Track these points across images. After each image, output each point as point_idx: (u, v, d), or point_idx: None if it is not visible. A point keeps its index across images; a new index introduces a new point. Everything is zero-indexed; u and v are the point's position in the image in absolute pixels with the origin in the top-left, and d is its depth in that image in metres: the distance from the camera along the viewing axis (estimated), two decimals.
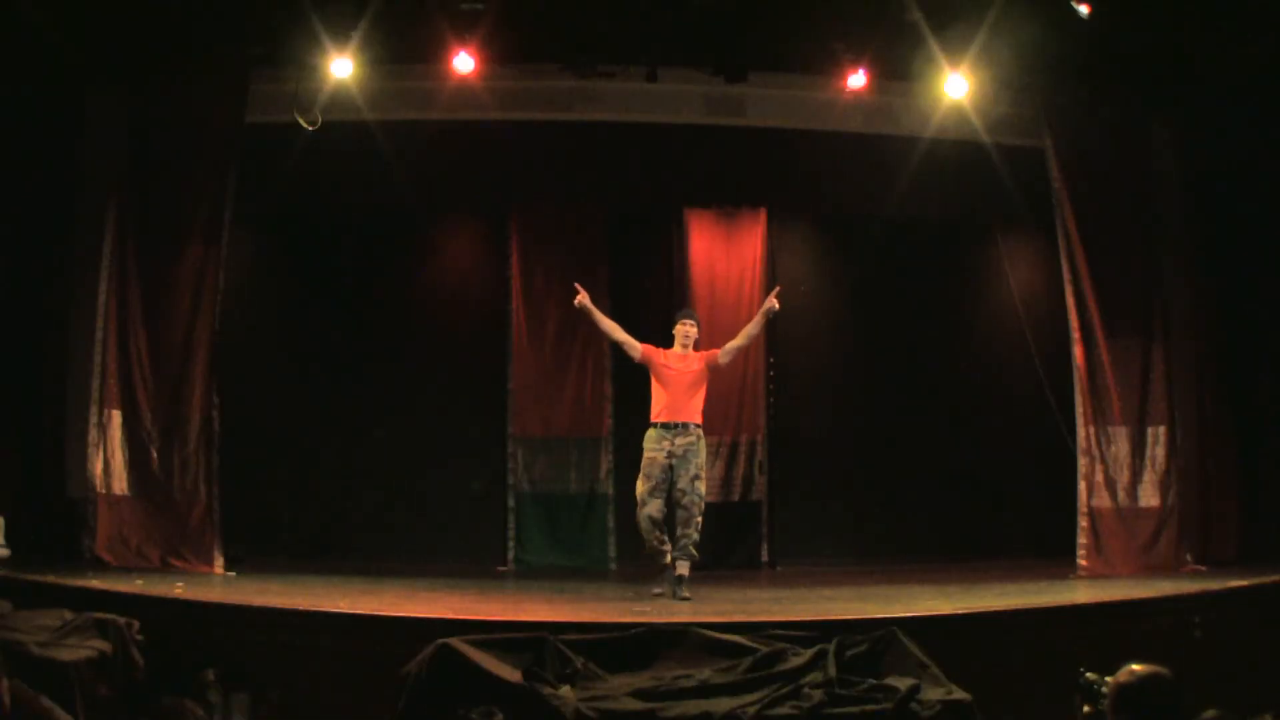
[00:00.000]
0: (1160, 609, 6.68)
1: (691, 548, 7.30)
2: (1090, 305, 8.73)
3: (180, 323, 8.33)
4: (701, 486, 7.35)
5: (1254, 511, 9.17)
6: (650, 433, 7.43)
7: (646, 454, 7.36)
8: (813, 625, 5.80)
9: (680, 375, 7.46)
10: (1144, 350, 8.86)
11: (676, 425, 7.35)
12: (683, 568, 7.28)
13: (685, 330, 7.58)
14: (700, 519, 7.32)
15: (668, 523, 7.43)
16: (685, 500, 7.27)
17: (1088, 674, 3.58)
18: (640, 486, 7.33)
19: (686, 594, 7.19)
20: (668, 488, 7.32)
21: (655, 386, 7.51)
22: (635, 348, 7.60)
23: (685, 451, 7.29)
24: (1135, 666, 3.48)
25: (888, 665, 5.51)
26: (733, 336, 9.20)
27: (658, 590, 7.40)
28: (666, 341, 7.81)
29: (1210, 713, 3.43)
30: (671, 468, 7.29)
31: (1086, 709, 3.61)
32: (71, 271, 8.72)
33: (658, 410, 7.43)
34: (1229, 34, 8.30)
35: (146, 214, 8.41)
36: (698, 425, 7.42)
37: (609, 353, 9.84)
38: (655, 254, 10.22)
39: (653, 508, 7.28)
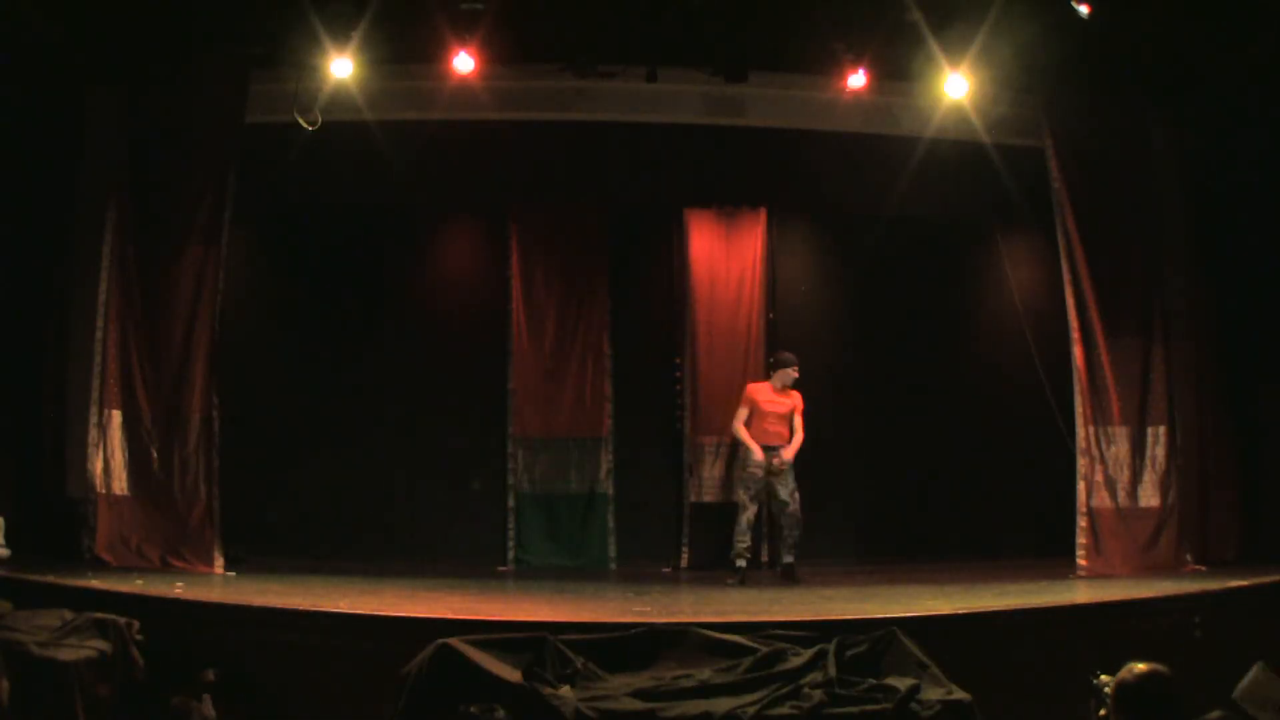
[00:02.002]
0: (1160, 609, 6.68)
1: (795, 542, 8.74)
2: (1090, 305, 8.72)
3: (180, 323, 8.32)
4: (797, 496, 8.70)
5: (1254, 511, 9.17)
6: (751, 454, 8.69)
7: (749, 469, 8.71)
8: (813, 625, 5.80)
9: (775, 409, 8.80)
10: (1144, 350, 8.86)
11: (773, 448, 8.69)
12: (789, 557, 8.71)
13: (786, 375, 8.88)
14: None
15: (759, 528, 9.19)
16: (790, 509, 8.66)
17: (1102, 675, 3.58)
18: (742, 495, 8.76)
19: (798, 577, 8.56)
20: (765, 498, 8.76)
21: (753, 417, 8.79)
22: (748, 403, 8.88)
23: (781, 470, 8.63)
24: (1136, 665, 3.48)
25: (888, 665, 5.51)
26: (732, 336, 9.70)
27: (731, 581, 8.53)
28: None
29: (1215, 713, 3.44)
30: (769, 483, 8.63)
31: (1101, 712, 3.61)
32: (71, 271, 8.71)
33: (755, 435, 8.73)
34: (1229, 34, 8.29)
35: (146, 214, 8.41)
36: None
37: (609, 353, 9.87)
38: (655, 254, 10.23)
39: (751, 513, 8.73)
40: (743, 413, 8.83)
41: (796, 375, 8.89)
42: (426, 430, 9.73)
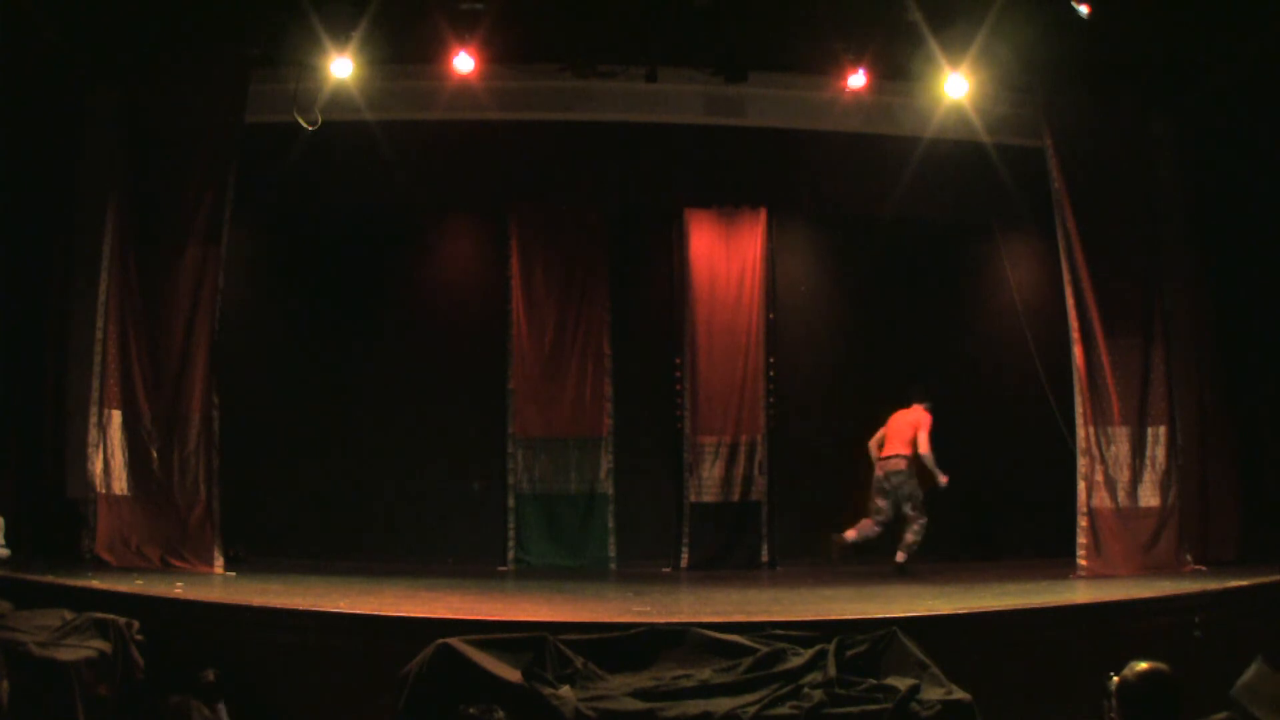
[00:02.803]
0: (1160, 609, 6.68)
1: None
2: (1090, 305, 8.72)
3: (180, 323, 8.32)
4: None
5: (1254, 511, 9.16)
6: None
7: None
8: (813, 625, 5.80)
9: None
10: (1144, 350, 8.85)
11: None
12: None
13: None
14: None
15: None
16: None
17: (1115, 678, 3.58)
18: (920, 500, 9.04)
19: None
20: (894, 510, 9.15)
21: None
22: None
23: None
24: (1138, 664, 3.50)
25: (888, 665, 5.51)
26: (732, 335, 9.52)
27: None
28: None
29: (1221, 715, 3.44)
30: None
31: (1112, 714, 3.61)
32: (71, 271, 8.71)
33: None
34: (1229, 34, 8.30)
35: (146, 214, 8.41)
36: None
37: (609, 353, 9.88)
38: (655, 254, 10.24)
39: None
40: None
41: None
42: (426, 430, 9.74)
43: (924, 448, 9.00)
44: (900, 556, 8.97)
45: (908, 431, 9.09)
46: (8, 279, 8.45)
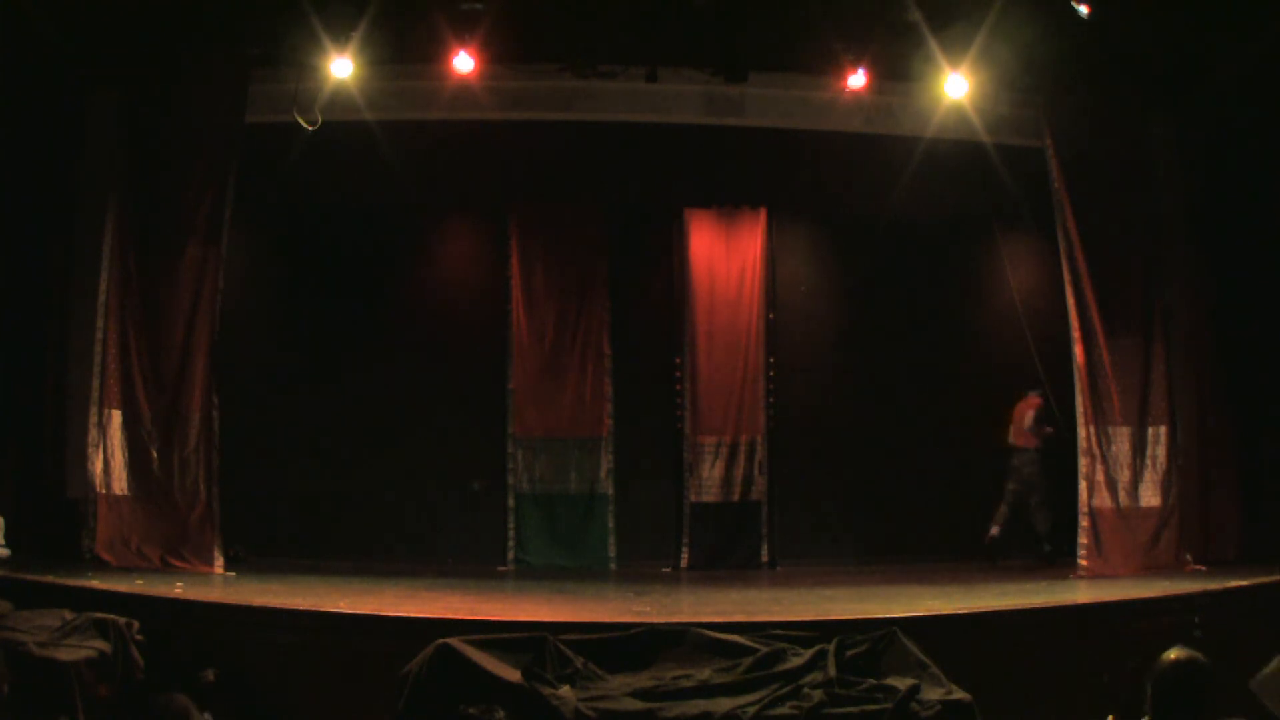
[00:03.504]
0: (1160, 609, 6.69)
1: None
2: (1090, 305, 8.72)
3: (180, 323, 8.33)
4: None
5: (1254, 511, 9.16)
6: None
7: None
8: (813, 625, 5.81)
9: None
10: (1144, 350, 8.86)
11: None
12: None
13: None
14: None
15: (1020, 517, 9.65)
16: None
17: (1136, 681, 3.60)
18: None
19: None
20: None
21: None
22: None
23: None
24: (1172, 652, 3.51)
25: (888, 665, 5.51)
26: (732, 335, 9.50)
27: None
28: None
29: None
30: None
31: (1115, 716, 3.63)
32: (71, 271, 8.71)
33: None
34: (1229, 34, 8.30)
35: (146, 214, 8.42)
36: None
37: (609, 353, 9.88)
38: (655, 254, 10.23)
39: None
40: None
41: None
42: (426, 430, 9.73)
43: (1024, 423, 9.50)
44: (1046, 547, 9.30)
45: (1025, 420, 9.56)
46: (8, 279, 8.45)
